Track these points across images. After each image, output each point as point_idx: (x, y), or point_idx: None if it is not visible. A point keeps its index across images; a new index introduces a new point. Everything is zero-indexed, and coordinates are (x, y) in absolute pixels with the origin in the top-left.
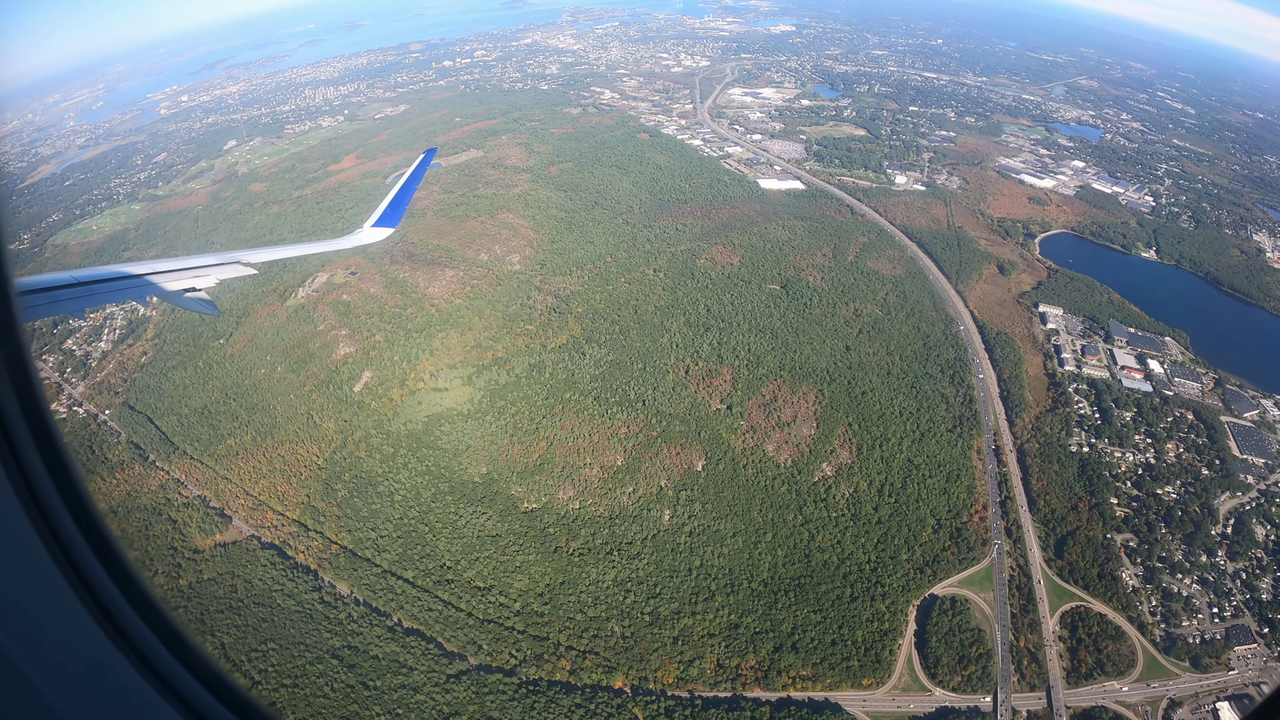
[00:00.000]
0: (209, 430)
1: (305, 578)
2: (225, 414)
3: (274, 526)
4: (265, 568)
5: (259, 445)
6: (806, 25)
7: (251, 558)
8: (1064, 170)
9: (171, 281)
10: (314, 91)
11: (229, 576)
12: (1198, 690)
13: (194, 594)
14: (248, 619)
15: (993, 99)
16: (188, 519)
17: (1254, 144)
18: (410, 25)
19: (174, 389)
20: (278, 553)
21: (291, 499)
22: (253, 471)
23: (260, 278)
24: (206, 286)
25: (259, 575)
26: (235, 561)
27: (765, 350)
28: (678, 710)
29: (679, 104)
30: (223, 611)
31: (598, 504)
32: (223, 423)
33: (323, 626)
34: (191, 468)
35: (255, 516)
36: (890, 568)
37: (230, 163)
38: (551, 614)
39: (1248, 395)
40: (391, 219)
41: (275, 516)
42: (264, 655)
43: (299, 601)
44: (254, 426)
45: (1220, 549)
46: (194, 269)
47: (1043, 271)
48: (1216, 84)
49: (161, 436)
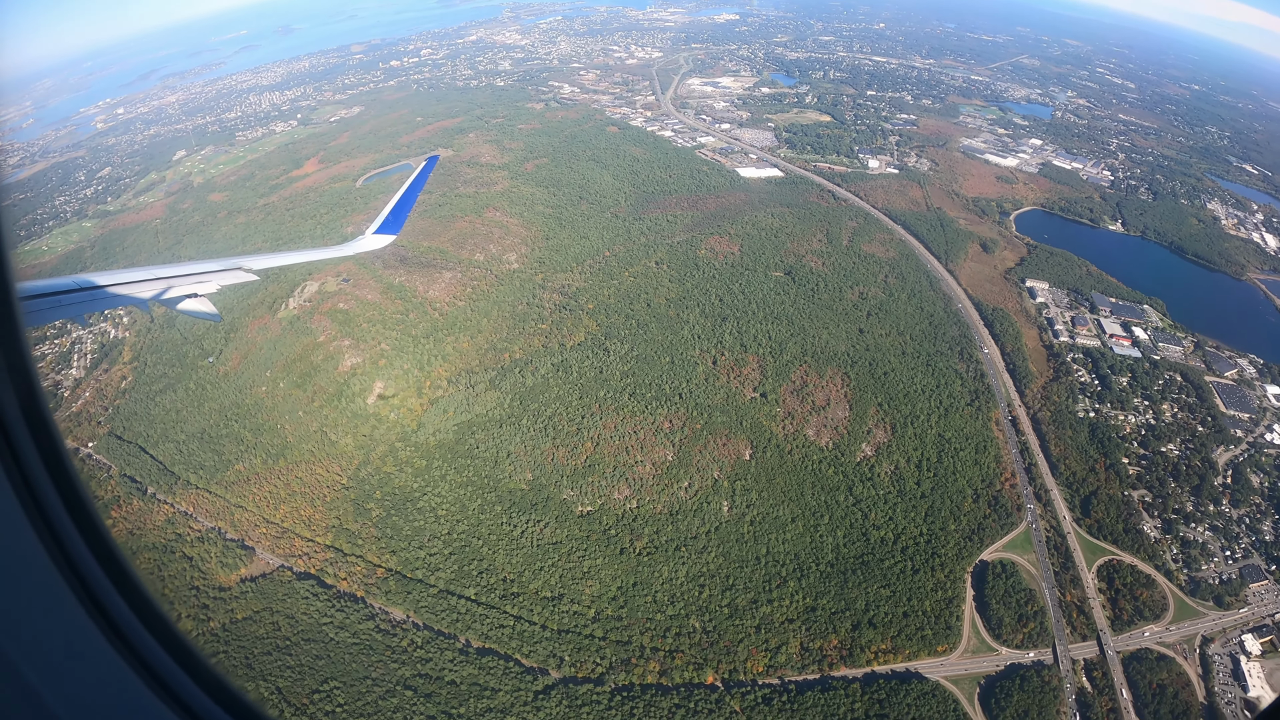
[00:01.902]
0: (212, 456)
1: (353, 606)
2: (228, 437)
3: (305, 554)
4: (306, 600)
5: (271, 468)
6: (750, 14)
7: (288, 590)
8: (1024, 149)
9: (173, 287)
10: (258, 97)
11: (267, 613)
12: (1224, 626)
13: (231, 637)
14: (300, 658)
15: (944, 81)
16: (205, 554)
17: (1194, 115)
18: (346, 27)
19: (165, 414)
20: (316, 582)
21: (319, 523)
22: (270, 497)
23: (242, 290)
24: (208, 292)
25: (301, 609)
26: (270, 596)
27: (784, 337)
28: (774, 698)
29: (641, 96)
30: (270, 653)
31: (655, 501)
32: (227, 447)
33: (386, 657)
34: (199, 498)
35: (281, 545)
36: (942, 539)
37: (183, 173)
38: (629, 616)
39: (1225, 355)
40: (394, 225)
41: (304, 543)
42: (328, 696)
43: (353, 633)
44: (262, 448)
45: (1224, 498)
46: (195, 275)
47: (1022, 248)
48: (1150, 58)
49: (159, 467)
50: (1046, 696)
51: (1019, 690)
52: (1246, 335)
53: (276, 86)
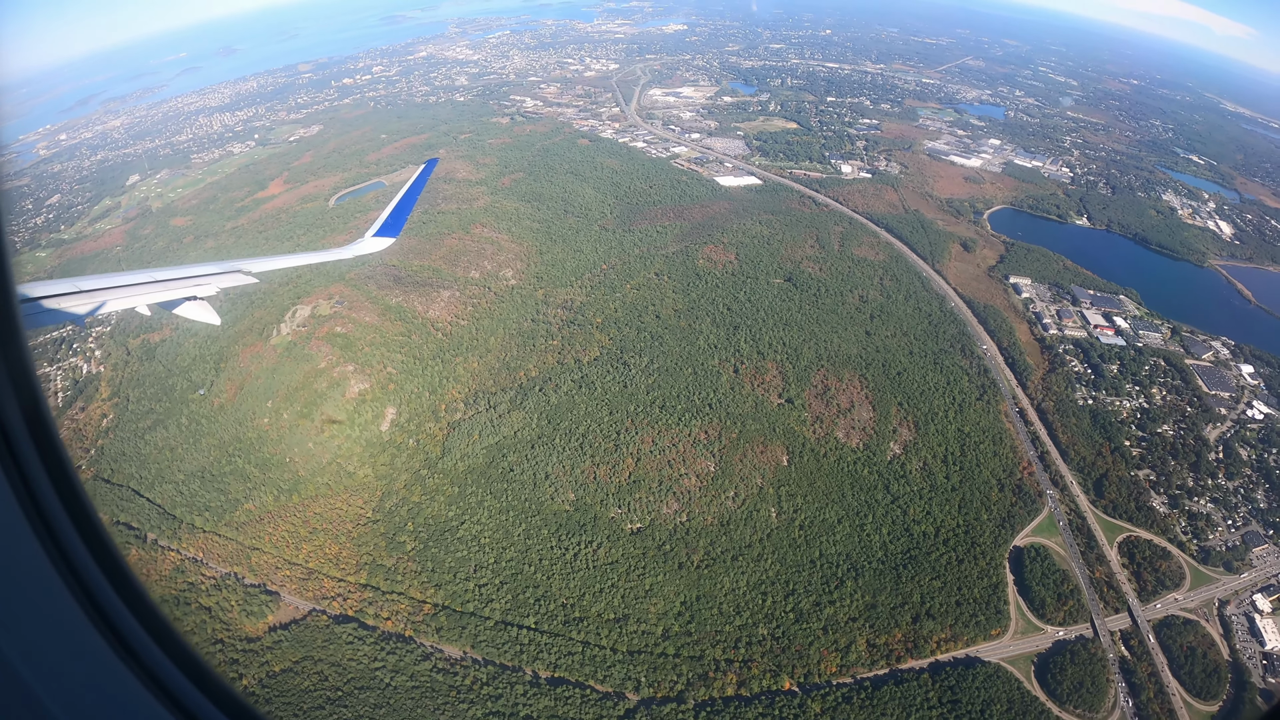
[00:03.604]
0: (218, 496)
1: (403, 647)
2: (232, 474)
3: (339, 595)
4: (349, 645)
5: (284, 505)
6: (698, 24)
7: (327, 635)
8: (985, 149)
9: (171, 290)
10: (208, 119)
11: (308, 663)
12: (1236, 588)
13: (274, 694)
14: (357, 709)
15: (898, 85)
16: (225, 603)
17: (1137, 110)
18: (290, 47)
19: (157, 453)
20: (356, 625)
21: (349, 561)
22: (288, 536)
23: (228, 316)
24: (207, 296)
25: (346, 655)
26: (308, 644)
27: (798, 342)
28: (853, 696)
29: (605, 108)
30: (322, 707)
31: (705, 512)
32: (232, 485)
33: (452, 698)
34: (208, 542)
35: (310, 587)
36: (977, 529)
37: (139, 198)
38: (698, 631)
39: (1200, 339)
40: (393, 229)
41: (335, 584)
42: None
43: (410, 675)
44: (272, 484)
45: (1219, 472)
46: (194, 278)
47: (1000, 246)
48: (1087, 55)
49: (159, 511)
50: (1095, 667)
51: (1070, 664)
52: (1216, 319)
53: (226, 108)
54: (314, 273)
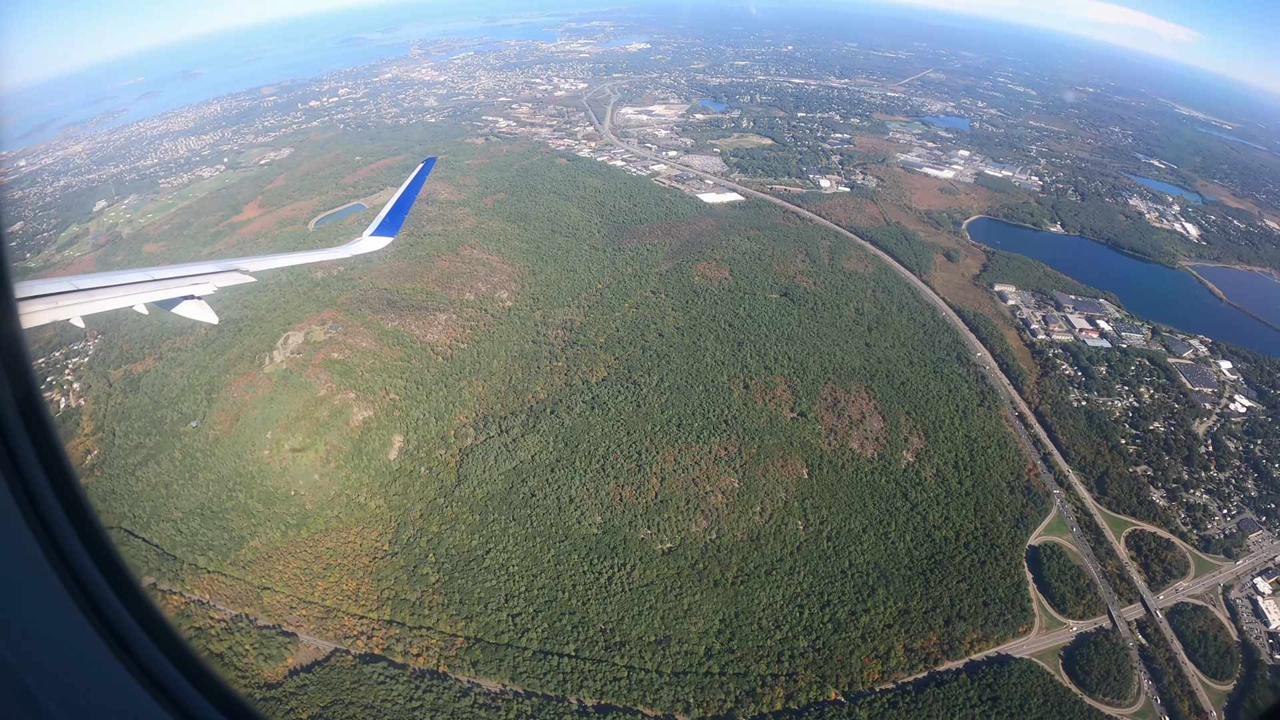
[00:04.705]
0: (220, 534)
1: (439, 685)
2: (234, 510)
3: (362, 633)
4: (380, 685)
5: (293, 541)
6: (660, 42)
7: (355, 676)
8: (956, 160)
9: (169, 289)
10: (173, 143)
11: (339, 707)
12: (1237, 573)
13: None
14: None
15: (864, 99)
16: (239, 647)
17: (1096, 117)
18: (251, 69)
19: (151, 491)
20: (385, 664)
21: (369, 596)
22: (301, 573)
23: (215, 345)
24: (205, 295)
25: (378, 696)
26: (336, 686)
27: (803, 356)
28: (898, 701)
29: (579, 127)
30: None
31: (734, 529)
32: (235, 521)
33: None
34: (214, 583)
35: (330, 626)
36: (994, 531)
37: (108, 224)
38: (740, 647)
39: (1179, 339)
40: (391, 228)
41: (356, 621)
42: None
43: (451, 714)
44: (278, 520)
45: (1211, 464)
46: (191, 276)
47: (981, 255)
48: (1042, 64)
49: (157, 552)
50: (1118, 657)
51: (1096, 655)
52: (1192, 318)
53: (191, 131)
54: (303, 298)
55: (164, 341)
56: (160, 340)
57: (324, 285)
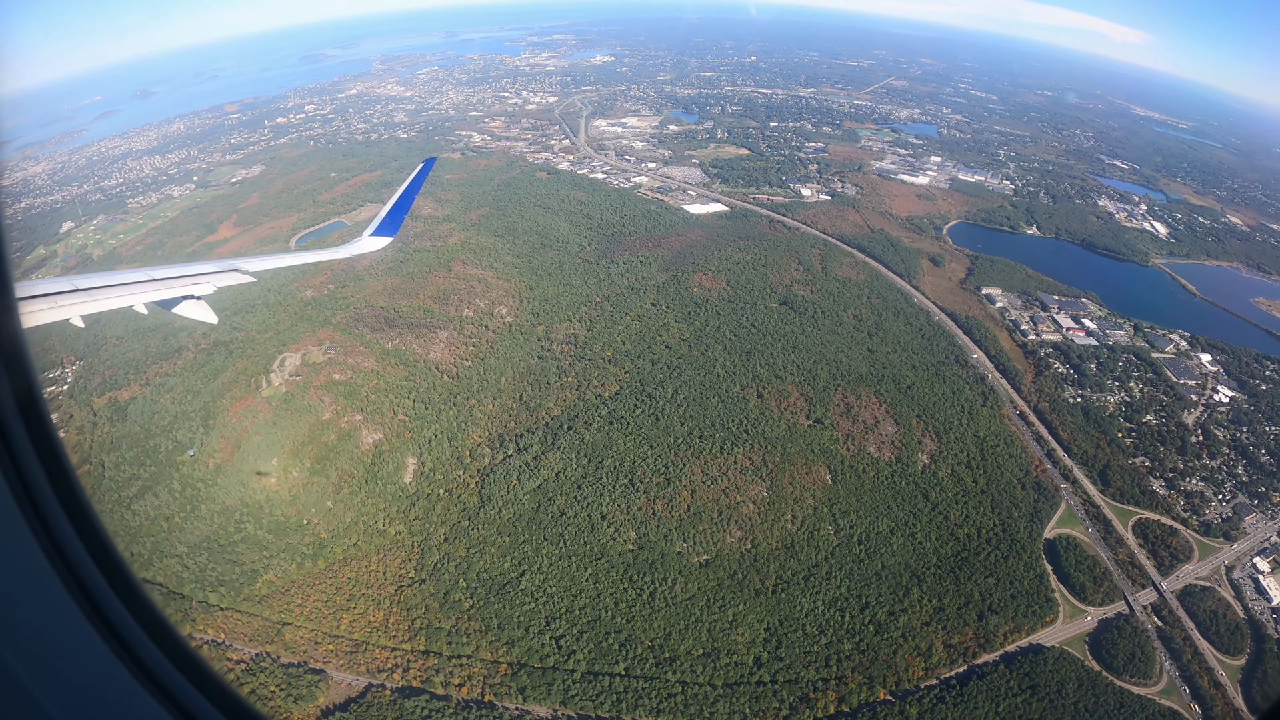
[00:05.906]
0: (231, 568)
1: (487, 714)
2: (244, 542)
3: (397, 666)
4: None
5: (310, 573)
6: (624, 55)
7: (397, 712)
8: (929, 167)
9: (168, 288)
10: (138, 162)
11: None
12: (1237, 554)
13: None
14: None
15: (833, 108)
16: (265, 688)
17: (1057, 120)
18: (211, 87)
19: (150, 524)
20: (427, 696)
21: (399, 627)
22: (323, 606)
23: (206, 370)
24: (204, 294)
25: None
26: None
27: (811, 364)
28: (945, 696)
29: (555, 140)
30: None
31: (768, 537)
32: (245, 554)
33: None
34: (228, 621)
35: (360, 661)
36: (1012, 526)
37: (77, 246)
38: (788, 655)
39: (1160, 334)
40: (391, 228)
41: (388, 654)
42: None
43: None
44: (292, 551)
45: (1203, 452)
46: (191, 276)
47: (965, 259)
48: (999, 69)
49: (163, 591)
50: (1140, 639)
51: (1119, 639)
52: (1169, 314)
53: (155, 150)
54: (295, 318)
55: (149, 366)
56: (145, 365)
57: (315, 304)
